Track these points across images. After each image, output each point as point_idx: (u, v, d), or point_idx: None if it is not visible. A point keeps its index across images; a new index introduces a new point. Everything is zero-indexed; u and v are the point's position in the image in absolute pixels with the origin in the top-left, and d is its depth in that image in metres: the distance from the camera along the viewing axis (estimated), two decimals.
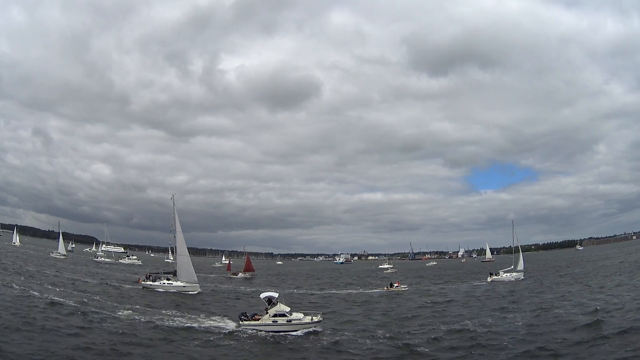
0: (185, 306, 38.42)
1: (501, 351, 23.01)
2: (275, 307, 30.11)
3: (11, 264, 62.08)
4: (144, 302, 39.08)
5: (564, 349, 22.66)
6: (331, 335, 27.70)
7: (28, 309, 28.78)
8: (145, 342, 23.83)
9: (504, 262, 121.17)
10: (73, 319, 28.21)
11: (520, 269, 70.10)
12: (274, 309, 29.92)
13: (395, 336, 27.48)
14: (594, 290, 44.34)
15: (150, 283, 52.27)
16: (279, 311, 29.69)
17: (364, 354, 23.58)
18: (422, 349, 24.27)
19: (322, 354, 23.87)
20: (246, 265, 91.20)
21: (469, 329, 28.52)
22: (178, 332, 27.34)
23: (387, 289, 58.26)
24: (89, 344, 22.30)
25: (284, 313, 29.58)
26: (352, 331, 29.03)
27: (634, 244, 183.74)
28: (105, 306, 33.91)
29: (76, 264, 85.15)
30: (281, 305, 30.46)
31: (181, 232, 52.86)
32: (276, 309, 29.95)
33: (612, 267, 74.23)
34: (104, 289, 47.38)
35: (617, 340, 23.37)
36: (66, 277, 54.09)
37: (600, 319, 28.61)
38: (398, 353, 23.76)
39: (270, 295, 31.97)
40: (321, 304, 42.33)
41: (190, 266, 52.25)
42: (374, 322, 32.80)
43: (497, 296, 47.43)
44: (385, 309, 40.54)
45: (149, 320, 29.94)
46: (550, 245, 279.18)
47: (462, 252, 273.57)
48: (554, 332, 26.51)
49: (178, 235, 52.73)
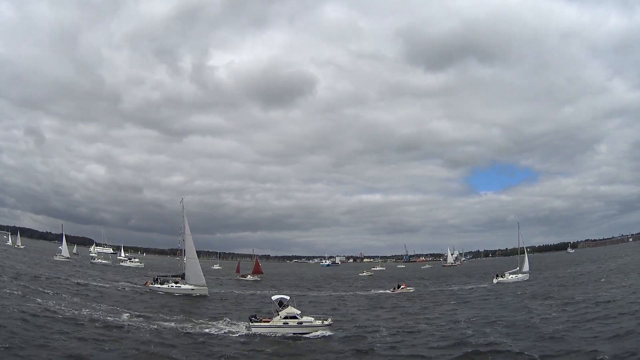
0: (193, 309, 38.72)
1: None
2: (286, 310, 30.19)
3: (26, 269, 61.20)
4: (150, 305, 39.26)
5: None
6: (343, 338, 27.95)
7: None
8: (151, 348, 23.74)
9: (500, 264, 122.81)
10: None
11: (525, 271, 70.91)
12: (285, 311, 30.02)
13: (406, 339, 27.78)
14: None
15: (158, 286, 52.35)
16: (290, 313, 29.82)
17: (380, 356, 23.86)
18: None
19: (337, 356, 24.09)
20: (255, 267, 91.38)
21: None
22: (187, 336, 27.33)
23: (394, 290, 58.85)
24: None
25: (295, 315, 29.72)
26: (364, 333, 29.35)
27: (629, 247, 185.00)
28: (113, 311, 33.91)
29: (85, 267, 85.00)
30: (292, 307, 30.63)
31: (190, 235, 53.03)
32: (287, 311, 30.05)
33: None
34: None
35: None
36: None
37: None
38: (409, 354, 24.15)
39: (282, 298, 32.14)
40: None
41: (199, 269, 52.45)
42: (386, 324, 33.13)
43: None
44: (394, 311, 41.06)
45: (154, 324, 29.85)
46: (545, 248, 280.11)
47: (456, 255, 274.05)
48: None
49: (187, 238, 52.87)
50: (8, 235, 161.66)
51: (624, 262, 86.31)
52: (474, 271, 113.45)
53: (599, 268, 78.59)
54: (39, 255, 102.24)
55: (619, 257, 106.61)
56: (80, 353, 21.30)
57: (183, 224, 53.35)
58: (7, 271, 52.72)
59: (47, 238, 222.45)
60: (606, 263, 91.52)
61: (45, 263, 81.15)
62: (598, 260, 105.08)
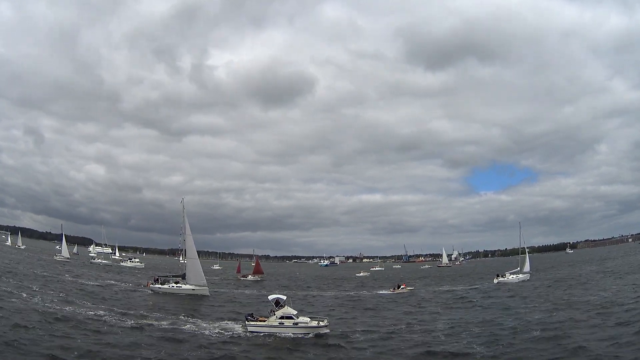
0: (193, 309, 38.86)
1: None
2: (283, 309, 30.19)
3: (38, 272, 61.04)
4: (148, 305, 39.42)
5: None
6: (340, 339, 27.89)
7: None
8: (143, 347, 23.87)
9: (499, 265, 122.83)
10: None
11: (526, 271, 71.06)
12: (281, 311, 30.01)
13: (406, 338, 27.93)
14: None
15: (159, 286, 52.42)
16: (286, 313, 29.81)
17: (373, 357, 23.98)
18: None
19: (330, 356, 24.16)
20: (255, 267, 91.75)
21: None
22: (183, 335, 27.43)
23: (394, 290, 58.98)
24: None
25: (291, 315, 29.69)
26: (359, 334, 29.28)
27: (628, 247, 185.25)
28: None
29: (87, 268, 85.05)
30: (288, 307, 30.61)
31: (191, 235, 53.15)
32: (283, 311, 30.05)
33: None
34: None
35: None
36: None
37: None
38: (410, 354, 24.27)
39: (278, 297, 32.14)
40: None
41: (200, 269, 52.55)
42: (382, 324, 33.10)
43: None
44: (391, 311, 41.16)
45: (151, 324, 30.04)
46: (545, 248, 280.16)
47: (455, 255, 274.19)
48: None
49: (188, 238, 52.98)
50: (7, 235, 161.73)
51: (615, 264, 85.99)
52: (471, 271, 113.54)
53: (591, 270, 77.54)
54: (38, 255, 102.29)
55: (616, 258, 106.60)
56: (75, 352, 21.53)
57: (184, 224, 53.52)
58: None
59: (46, 238, 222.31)
60: (603, 264, 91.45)
61: (45, 264, 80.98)
62: (591, 262, 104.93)
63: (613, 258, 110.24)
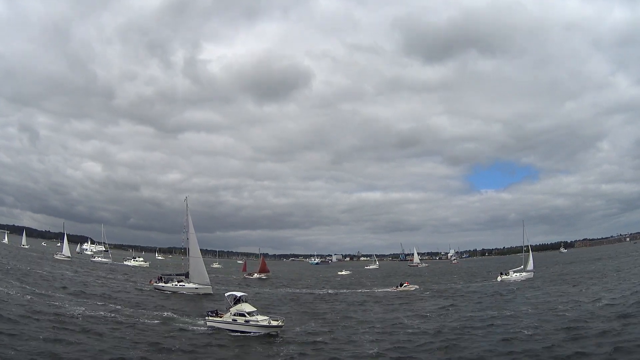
0: (187, 307, 39.56)
1: None
2: (237, 306, 30.61)
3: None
4: (146, 304, 39.76)
5: None
6: (291, 338, 28.22)
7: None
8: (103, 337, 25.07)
9: (495, 263, 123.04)
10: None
11: (530, 269, 71.46)
12: (235, 308, 30.44)
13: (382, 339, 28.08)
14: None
15: (162, 285, 52.82)
16: (239, 310, 30.17)
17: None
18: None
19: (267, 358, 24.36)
20: (261, 266, 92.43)
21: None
22: (152, 332, 28.28)
23: (397, 288, 59.52)
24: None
25: (244, 313, 29.89)
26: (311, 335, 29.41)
27: (626, 247, 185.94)
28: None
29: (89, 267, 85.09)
30: (244, 304, 30.89)
31: (194, 233, 53.56)
32: (237, 307, 30.46)
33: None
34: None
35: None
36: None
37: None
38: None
39: (235, 294, 32.53)
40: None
41: (203, 268, 52.99)
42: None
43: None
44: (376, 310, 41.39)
45: (137, 321, 30.85)
46: (541, 247, 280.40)
47: (452, 253, 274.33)
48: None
49: (191, 236, 53.34)
50: (5, 234, 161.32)
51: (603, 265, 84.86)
52: (443, 272, 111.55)
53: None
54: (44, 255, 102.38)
55: (611, 258, 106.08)
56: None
57: (187, 223, 53.81)
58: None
59: (46, 237, 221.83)
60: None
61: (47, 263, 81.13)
62: (580, 262, 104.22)
63: (611, 257, 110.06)
